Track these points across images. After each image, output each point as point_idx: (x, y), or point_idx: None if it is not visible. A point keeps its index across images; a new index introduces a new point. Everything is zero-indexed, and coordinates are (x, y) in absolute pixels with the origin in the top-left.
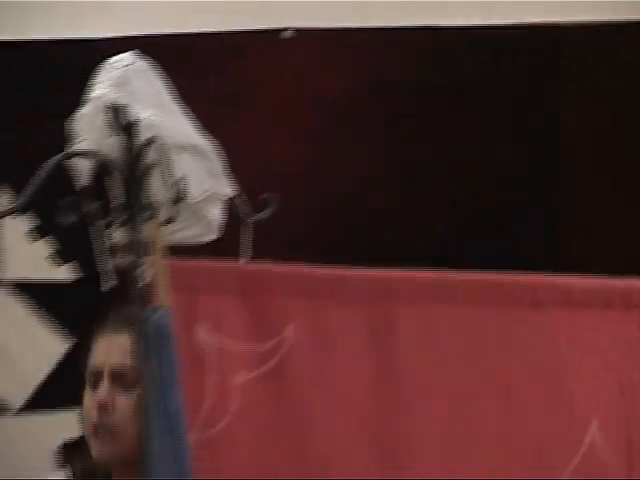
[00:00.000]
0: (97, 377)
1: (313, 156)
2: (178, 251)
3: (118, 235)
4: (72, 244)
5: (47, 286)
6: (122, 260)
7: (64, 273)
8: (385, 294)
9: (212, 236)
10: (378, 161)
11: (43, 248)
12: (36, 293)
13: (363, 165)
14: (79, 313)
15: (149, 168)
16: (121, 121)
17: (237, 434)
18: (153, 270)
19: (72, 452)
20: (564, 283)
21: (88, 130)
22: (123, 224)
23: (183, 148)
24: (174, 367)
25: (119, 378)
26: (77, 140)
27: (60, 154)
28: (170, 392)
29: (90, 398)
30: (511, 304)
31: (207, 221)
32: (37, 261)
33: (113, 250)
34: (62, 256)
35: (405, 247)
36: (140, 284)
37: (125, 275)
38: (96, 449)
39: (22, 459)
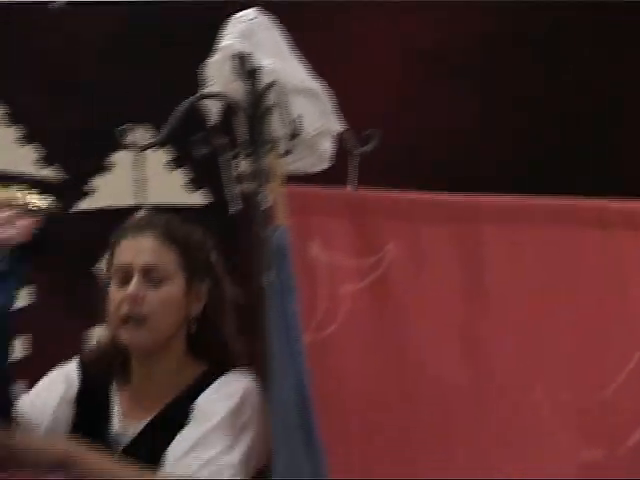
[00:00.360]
0: (126, 274)
1: (406, 99)
2: (294, 179)
3: (243, 165)
4: (204, 173)
5: (183, 210)
6: (247, 187)
7: (197, 198)
8: (473, 216)
9: (323, 166)
10: (460, 104)
11: (179, 177)
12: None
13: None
14: (210, 233)
15: (269, 108)
16: (246, 68)
17: (345, 337)
18: (273, 195)
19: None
20: (631, 207)
21: (217, 76)
22: (247, 156)
23: (299, 91)
24: (291, 278)
25: (148, 274)
26: (208, 84)
27: (193, 96)
28: (288, 299)
29: (119, 293)
30: (582, 225)
31: (319, 153)
32: (174, 188)
33: (239, 178)
34: (196, 184)
35: (487, 181)
36: (262, 207)
37: (249, 200)
38: (126, 337)
39: None
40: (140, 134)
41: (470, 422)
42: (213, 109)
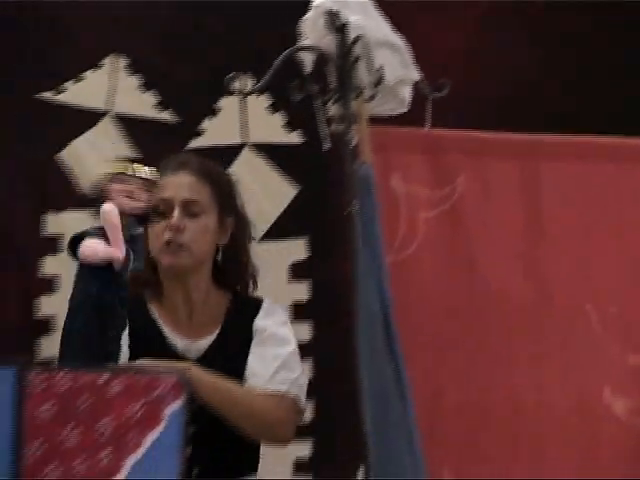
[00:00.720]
0: (168, 207)
1: (471, 50)
2: (377, 121)
3: (333, 109)
4: (300, 116)
5: (281, 147)
6: (336, 128)
7: (294, 138)
8: (535, 153)
9: (402, 110)
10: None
11: (278, 119)
12: (273, 153)
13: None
14: (305, 168)
15: (356, 59)
16: (335, 24)
17: (422, 257)
18: (359, 135)
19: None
20: None
21: (311, 31)
22: (337, 101)
23: (381, 44)
24: (375, 207)
25: (187, 208)
26: (303, 38)
27: (290, 49)
28: (372, 224)
29: (161, 224)
30: (631, 161)
31: (399, 99)
32: (274, 129)
33: (330, 120)
34: (292, 125)
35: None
36: (350, 146)
37: (339, 139)
38: (167, 260)
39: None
40: (244, 82)
41: (531, 334)
42: (307, 60)
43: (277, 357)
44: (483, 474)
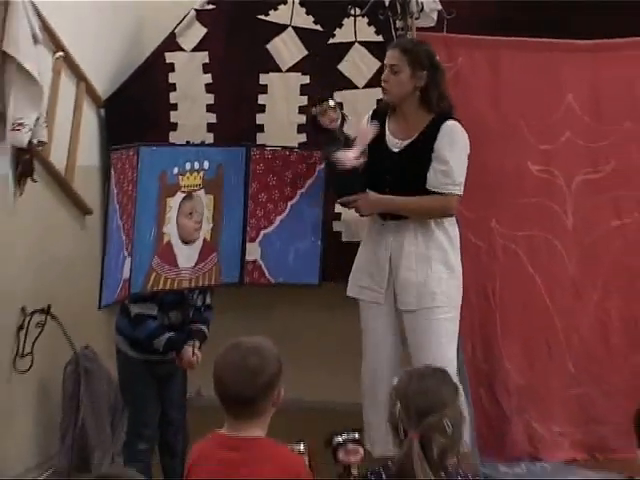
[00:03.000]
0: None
1: None
2: (421, 29)
3: (399, 23)
4: (382, 23)
5: (374, 43)
6: (400, 33)
7: (380, 38)
8: (497, 47)
9: (432, 24)
10: None
11: (372, 28)
12: (369, 46)
13: None
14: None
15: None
16: None
17: None
18: (411, 36)
19: None
20: None
21: None
22: (401, 19)
23: None
24: None
25: (391, 68)
26: None
27: None
28: None
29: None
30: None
31: (430, 18)
32: (370, 34)
33: (397, 29)
34: (378, 31)
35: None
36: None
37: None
38: (384, 97)
39: None
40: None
41: None
42: None
43: (447, 162)
44: None
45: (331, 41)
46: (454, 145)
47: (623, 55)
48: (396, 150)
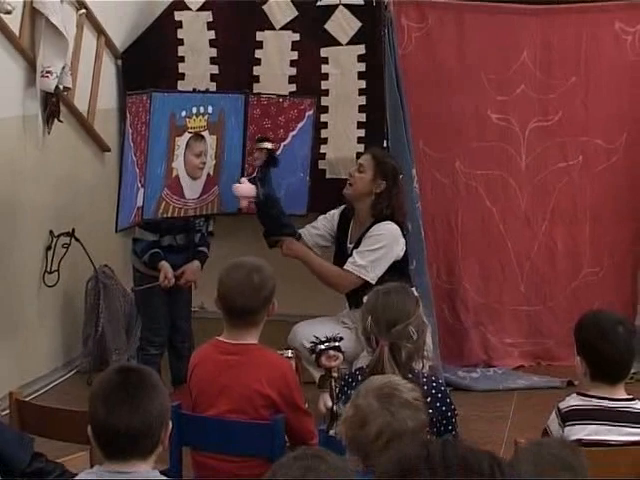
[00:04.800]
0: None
1: None
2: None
3: None
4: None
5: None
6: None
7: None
8: (462, 10)
9: None
10: None
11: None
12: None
13: None
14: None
15: None
16: None
17: (414, 56)
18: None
19: None
20: None
21: None
22: None
23: None
24: (395, 42)
25: (359, 168)
26: None
27: None
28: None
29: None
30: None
31: None
32: None
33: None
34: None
35: None
36: (385, 6)
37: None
38: (345, 192)
39: None
40: None
41: None
42: None
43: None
44: None
45: (319, 3)
46: (380, 237)
47: (571, 19)
48: (350, 249)
